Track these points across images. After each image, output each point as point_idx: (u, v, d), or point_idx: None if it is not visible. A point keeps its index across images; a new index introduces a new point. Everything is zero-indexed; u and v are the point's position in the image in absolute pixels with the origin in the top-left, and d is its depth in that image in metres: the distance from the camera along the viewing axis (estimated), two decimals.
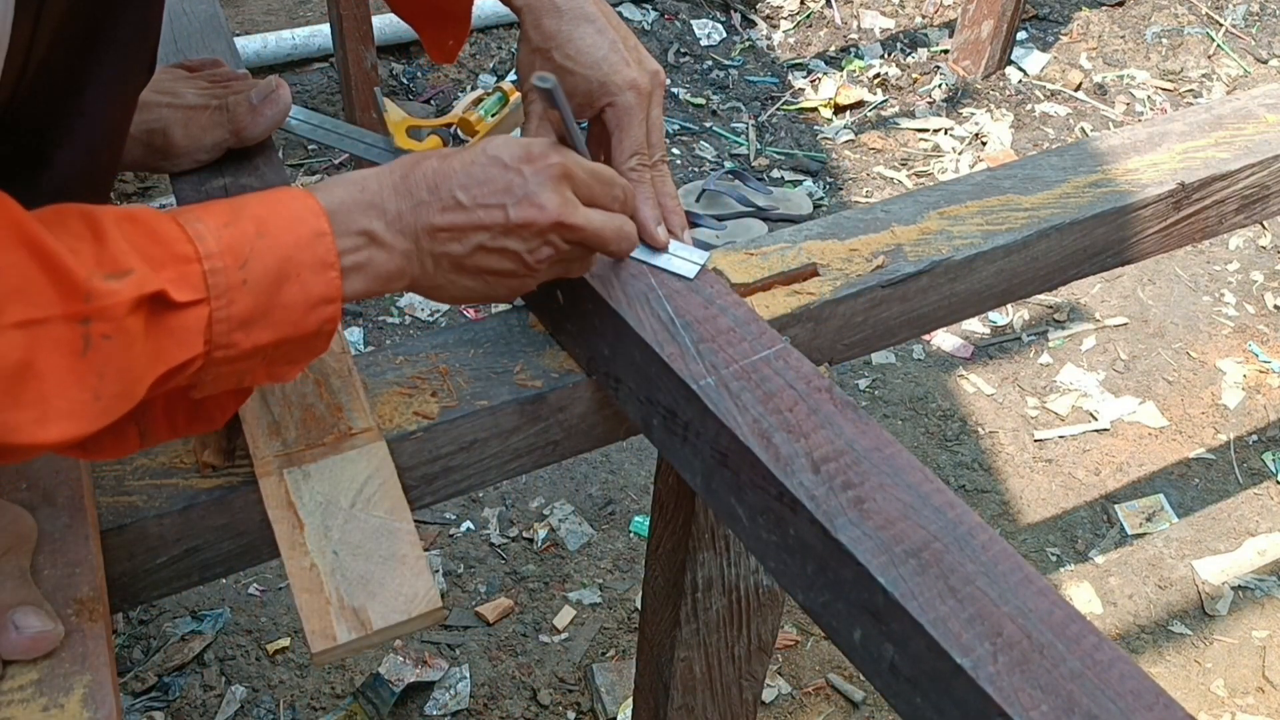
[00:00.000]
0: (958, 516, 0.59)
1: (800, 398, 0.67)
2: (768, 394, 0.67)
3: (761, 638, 1.04)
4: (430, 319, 2.44)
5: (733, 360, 0.69)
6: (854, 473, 0.61)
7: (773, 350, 0.70)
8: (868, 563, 0.56)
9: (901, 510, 0.59)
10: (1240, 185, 1.01)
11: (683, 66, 3.30)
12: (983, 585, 0.55)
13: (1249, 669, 1.82)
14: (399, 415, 0.74)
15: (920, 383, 2.33)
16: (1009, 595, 0.55)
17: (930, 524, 0.58)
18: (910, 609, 0.54)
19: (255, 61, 2.96)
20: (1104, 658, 0.52)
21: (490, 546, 1.96)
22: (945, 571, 0.56)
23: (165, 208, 0.59)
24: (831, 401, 0.66)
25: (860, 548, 0.57)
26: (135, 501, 0.68)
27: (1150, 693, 0.51)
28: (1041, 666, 0.51)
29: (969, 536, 0.58)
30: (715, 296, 0.75)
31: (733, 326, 0.72)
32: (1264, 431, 2.26)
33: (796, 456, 0.62)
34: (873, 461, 0.62)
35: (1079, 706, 0.50)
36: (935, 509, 0.59)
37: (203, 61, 1.02)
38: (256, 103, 0.92)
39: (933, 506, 0.60)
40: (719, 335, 0.71)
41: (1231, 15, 3.61)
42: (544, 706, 1.72)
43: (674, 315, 0.72)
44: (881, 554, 0.56)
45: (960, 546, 0.57)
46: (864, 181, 2.94)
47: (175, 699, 1.69)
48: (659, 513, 0.97)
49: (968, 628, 0.53)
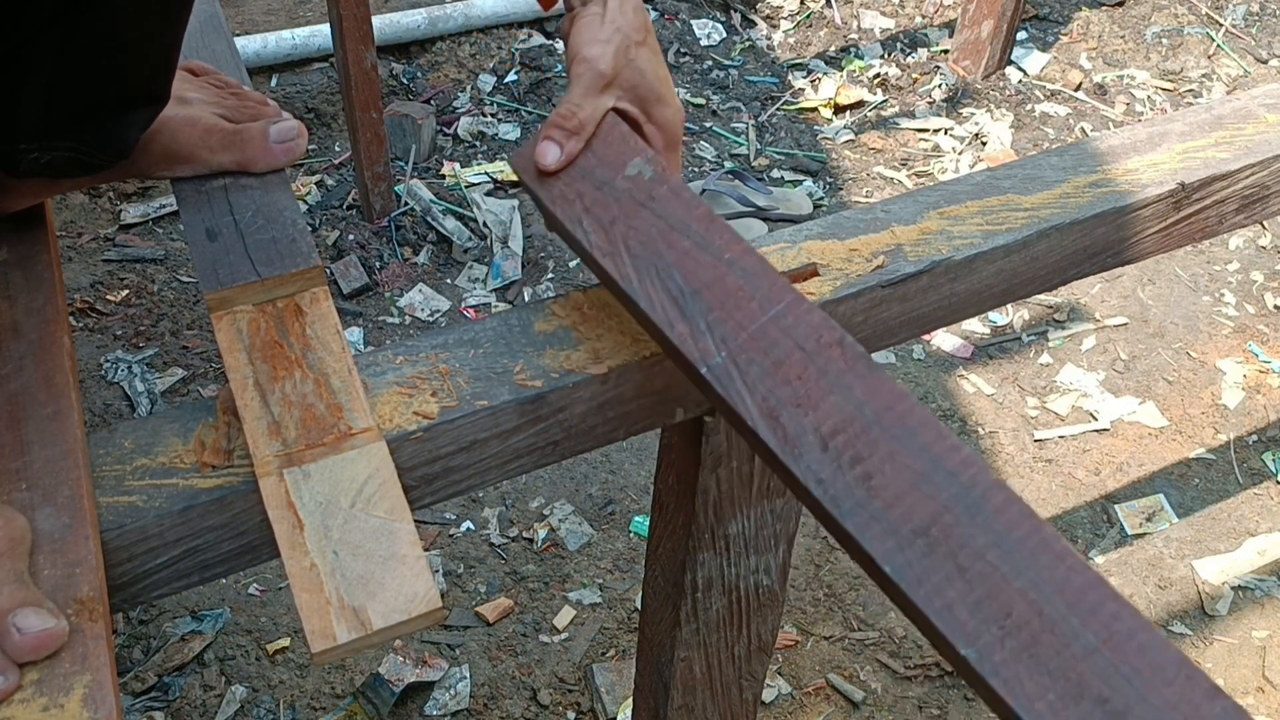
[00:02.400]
0: (971, 479, 0.57)
1: (809, 359, 0.65)
2: (776, 362, 0.65)
3: (761, 638, 1.04)
4: (430, 319, 2.44)
5: (742, 328, 0.68)
6: (863, 443, 0.60)
7: (781, 306, 0.68)
8: (874, 549, 0.55)
9: (911, 481, 0.58)
10: (1240, 185, 1.01)
11: (683, 66, 3.30)
12: (994, 559, 0.54)
13: (1249, 669, 1.82)
14: (399, 415, 0.74)
15: (920, 383, 2.33)
16: (1023, 566, 0.53)
17: (941, 493, 0.57)
18: (916, 599, 0.53)
19: (255, 62, 2.95)
20: (1122, 628, 0.50)
21: (490, 546, 1.96)
22: (955, 549, 0.55)
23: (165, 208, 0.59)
24: (842, 358, 0.65)
25: (867, 534, 0.56)
26: (135, 501, 0.68)
27: (1172, 665, 0.48)
28: (1052, 647, 0.50)
29: (982, 502, 0.56)
30: (724, 249, 0.73)
31: (741, 285, 0.70)
32: (1264, 431, 2.26)
33: (804, 434, 0.61)
34: (883, 426, 0.61)
35: (1089, 689, 0.48)
36: (948, 473, 0.58)
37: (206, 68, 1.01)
38: (274, 143, 0.90)
39: (945, 471, 0.58)
40: (728, 299, 0.70)
41: (1231, 15, 3.61)
42: (544, 706, 1.72)
43: (683, 285, 0.71)
44: (888, 538, 0.56)
45: (972, 516, 0.56)
46: (864, 181, 2.94)
47: (175, 699, 1.69)
48: (659, 513, 0.97)
49: (975, 612, 0.52)
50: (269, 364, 0.75)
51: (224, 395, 0.74)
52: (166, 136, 0.89)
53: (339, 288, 2.47)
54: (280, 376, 0.74)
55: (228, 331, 0.78)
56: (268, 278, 0.80)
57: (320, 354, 0.76)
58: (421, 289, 2.50)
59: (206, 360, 2.29)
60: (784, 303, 0.69)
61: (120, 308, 2.40)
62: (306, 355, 0.76)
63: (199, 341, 2.34)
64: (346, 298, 2.46)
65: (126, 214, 2.63)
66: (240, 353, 0.76)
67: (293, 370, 0.75)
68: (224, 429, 0.73)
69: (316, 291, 0.81)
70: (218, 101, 0.93)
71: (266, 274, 0.80)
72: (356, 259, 2.53)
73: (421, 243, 2.61)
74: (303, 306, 0.80)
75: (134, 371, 2.24)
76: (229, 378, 0.74)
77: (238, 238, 0.84)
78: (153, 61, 0.81)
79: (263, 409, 0.72)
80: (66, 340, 0.77)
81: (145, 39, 0.77)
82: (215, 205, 0.88)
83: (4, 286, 0.81)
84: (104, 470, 0.70)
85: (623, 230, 0.76)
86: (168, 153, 0.90)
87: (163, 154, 0.90)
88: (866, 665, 1.81)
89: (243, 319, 0.79)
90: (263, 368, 0.75)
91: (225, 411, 0.73)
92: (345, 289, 2.47)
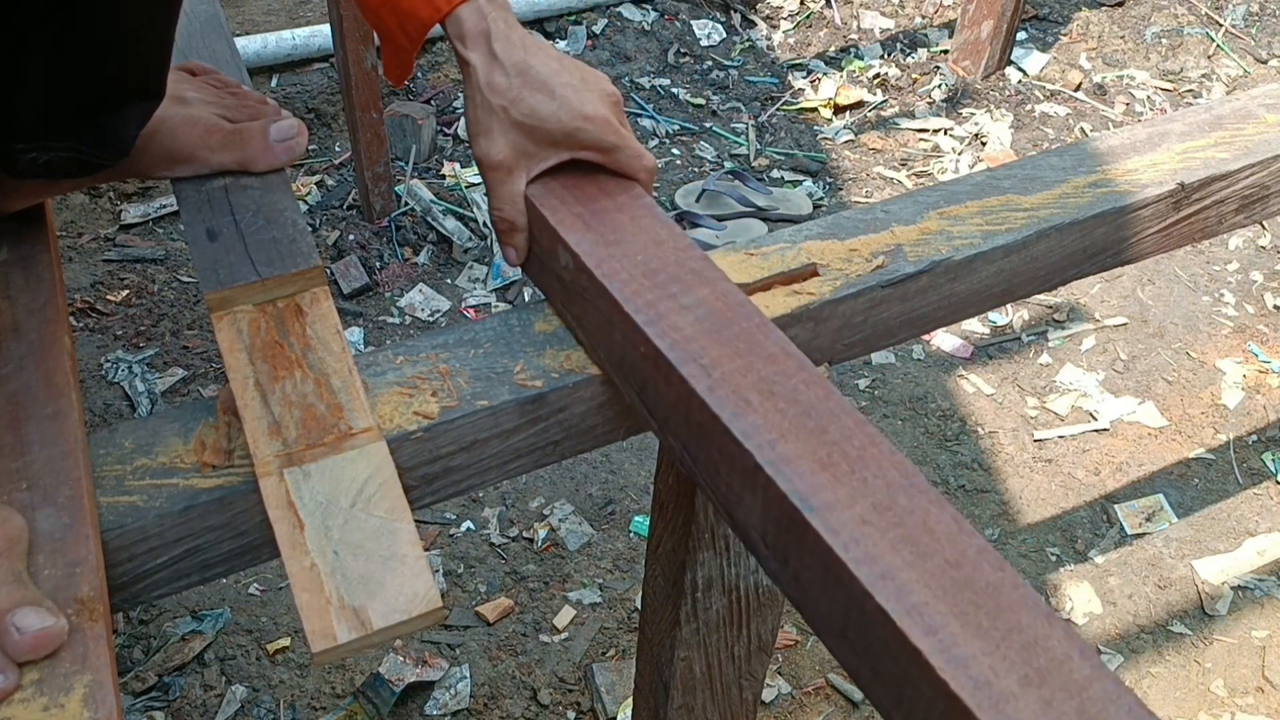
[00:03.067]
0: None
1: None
2: None
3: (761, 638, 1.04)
4: (430, 319, 2.44)
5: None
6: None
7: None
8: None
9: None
10: (1240, 185, 1.01)
11: (683, 66, 3.30)
12: None
13: (1249, 669, 1.82)
14: (399, 415, 0.74)
15: (920, 383, 2.33)
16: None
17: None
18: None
19: (255, 62, 2.95)
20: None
21: (490, 546, 1.96)
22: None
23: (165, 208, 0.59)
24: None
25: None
26: (135, 501, 0.68)
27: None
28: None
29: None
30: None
31: None
32: (1264, 431, 2.26)
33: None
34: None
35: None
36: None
37: (205, 68, 1.01)
38: (274, 141, 0.90)
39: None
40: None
41: (1231, 15, 3.61)
42: (544, 706, 1.72)
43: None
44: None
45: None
46: (864, 181, 2.94)
47: (175, 699, 1.69)
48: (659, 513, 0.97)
49: None
50: (269, 364, 0.75)
51: (224, 395, 0.74)
52: (166, 136, 0.89)
53: (339, 288, 2.47)
54: (281, 376, 0.74)
55: (228, 331, 0.78)
56: (268, 278, 0.80)
57: (320, 354, 0.76)
58: (422, 289, 2.50)
59: (207, 360, 2.29)
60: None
61: (120, 308, 2.40)
62: (307, 355, 0.76)
63: (199, 341, 2.34)
64: (347, 298, 2.46)
65: (127, 214, 2.63)
66: (240, 353, 0.76)
67: (293, 370, 0.75)
68: (224, 429, 0.73)
69: (317, 291, 0.81)
70: (217, 101, 0.93)
71: (267, 274, 0.80)
72: (357, 259, 2.53)
73: (422, 243, 2.61)
74: (303, 306, 0.80)
75: (134, 371, 2.24)
76: (229, 378, 0.74)
77: (238, 238, 0.84)
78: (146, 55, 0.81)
79: (263, 409, 0.72)
80: (67, 340, 0.77)
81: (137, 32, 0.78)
82: (215, 205, 0.88)
83: (4, 286, 0.81)
84: (104, 470, 0.70)
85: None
86: (168, 153, 0.90)
87: (163, 154, 0.90)
88: None
89: (243, 319, 0.79)
90: (263, 368, 0.75)
91: (225, 411, 0.74)
92: (345, 289, 2.47)
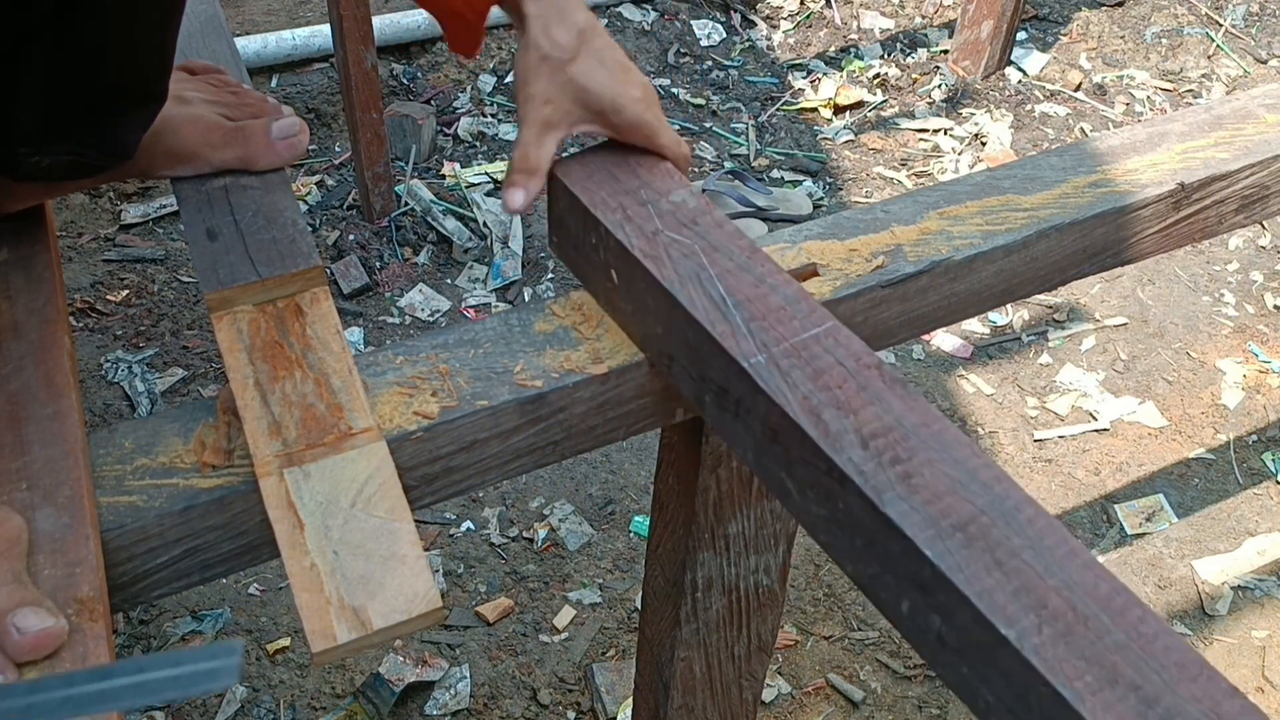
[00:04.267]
0: (1004, 491, 0.60)
1: (849, 375, 0.67)
2: (817, 371, 0.67)
3: (761, 637, 1.05)
4: (430, 319, 2.44)
5: (783, 338, 0.69)
6: (902, 448, 0.62)
7: (822, 328, 0.70)
8: (915, 536, 0.57)
9: (949, 485, 0.60)
10: (1240, 185, 1.01)
11: (683, 67, 3.30)
12: (1029, 558, 0.56)
13: (1249, 669, 1.82)
14: (399, 415, 0.74)
15: (920, 383, 2.33)
16: (1055, 569, 0.55)
17: (977, 498, 0.59)
18: (956, 581, 0.54)
19: (255, 62, 2.95)
20: (1149, 630, 0.52)
21: (490, 546, 1.96)
22: (992, 545, 0.56)
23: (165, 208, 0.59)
24: (880, 379, 0.67)
25: (908, 521, 0.57)
26: (135, 501, 0.68)
27: (1194, 665, 0.51)
28: (1086, 638, 0.52)
29: (1015, 511, 0.58)
30: (766, 275, 0.75)
31: (783, 305, 0.72)
32: (1264, 431, 2.26)
33: (845, 433, 0.63)
34: (921, 438, 0.63)
35: (1123, 677, 0.50)
36: (982, 484, 0.60)
37: (205, 66, 1.01)
38: (276, 139, 0.90)
39: (980, 481, 0.60)
40: (769, 314, 0.71)
41: (1231, 15, 3.61)
42: (544, 706, 1.72)
43: (725, 294, 0.73)
44: (929, 528, 0.57)
45: (1007, 521, 0.58)
46: (864, 182, 2.94)
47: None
48: (659, 513, 0.97)
49: (1013, 600, 0.54)
50: (269, 364, 0.75)
51: (224, 395, 0.74)
52: (169, 135, 0.89)
53: (339, 288, 2.47)
54: (280, 376, 0.74)
55: (228, 331, 0.78)
56: (268, 278, 0.80)
57: (320, 354, 0.76)
58: (422, 289, 2.50)
59: (207, 360, 2.29)
60: (825, 326, 0.71)
61: (120, 308, 2.40)
62: (307, 355, 0.76)
63: (199, 341, 2.34)
64: (347, 298, 2.46)
65: (127, 214, 2.63)
66: (240, 353, 0.76)
67: (293, 370, 0.75)
68: (224, 429, 0.73)
69: (317, 291, 0.81)
70: (217, 99, 0.93)
71: (267, 274, 0.80)
72: (357, 259, 2.53)
73: (422, 243, 2.61)
74: (303, 306, 0.80)
75: (134, 371, 2.24)
76: (229, 378, 0.74)
77: (238, 238, 0.84)
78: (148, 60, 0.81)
79: (263, 409, 0.72)
80: (67, 340, 0.77)
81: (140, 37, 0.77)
82: (215, 205, 0.88)
83: (4, 286, 0.81)
84: (104, 470, 0.70)
85: (665, 240, 0.77)
86: (170, 152, 0.90)
87: (165, 153, 0.90)
88: (866, 665, 1.81)
89: (243, 319, 0.79)
90: (263, 368, 0.75)
91: (225, 411, 0.74)
92: (345, 289, 2.47)
